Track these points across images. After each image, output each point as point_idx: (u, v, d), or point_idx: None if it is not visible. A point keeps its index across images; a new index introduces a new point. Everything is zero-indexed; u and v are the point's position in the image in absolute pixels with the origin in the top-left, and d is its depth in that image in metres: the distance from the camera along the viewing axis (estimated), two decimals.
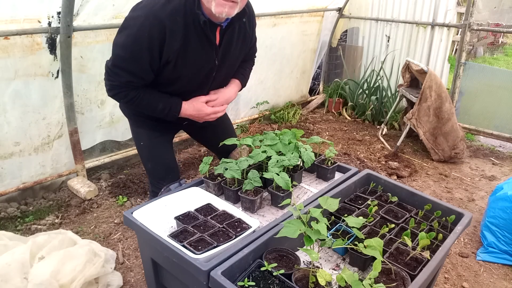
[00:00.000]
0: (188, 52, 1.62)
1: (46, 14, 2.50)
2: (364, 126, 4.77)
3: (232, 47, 1.76)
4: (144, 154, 2.03)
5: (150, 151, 1.99)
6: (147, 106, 1.73)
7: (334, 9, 4.92)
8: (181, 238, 1.40)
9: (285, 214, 1.58)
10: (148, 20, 1.50)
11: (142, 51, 1.54)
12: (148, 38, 1.52)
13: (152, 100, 1.72)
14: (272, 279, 1.25)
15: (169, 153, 2.05)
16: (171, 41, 1.55)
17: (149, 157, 2.01)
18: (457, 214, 1.61)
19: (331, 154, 1.91)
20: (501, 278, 2.38)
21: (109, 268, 2.11)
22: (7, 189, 2.74)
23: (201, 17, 1.55)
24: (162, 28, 1.52)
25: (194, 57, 1.65)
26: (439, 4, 4.34)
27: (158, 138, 1.98)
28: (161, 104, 1.72)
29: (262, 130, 4.32)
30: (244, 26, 1.77)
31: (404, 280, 1.27)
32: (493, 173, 3.68)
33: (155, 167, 2.02)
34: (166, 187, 1.84)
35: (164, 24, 1.52)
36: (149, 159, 2.02)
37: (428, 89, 3.66)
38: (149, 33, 1.51)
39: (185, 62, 1.64)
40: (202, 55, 1.67)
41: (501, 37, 10.33)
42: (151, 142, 1.97)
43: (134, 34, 1.53)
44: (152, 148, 1.98)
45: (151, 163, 2.02)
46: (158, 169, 2.01)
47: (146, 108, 1.75)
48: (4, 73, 2.47)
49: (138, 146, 2.03)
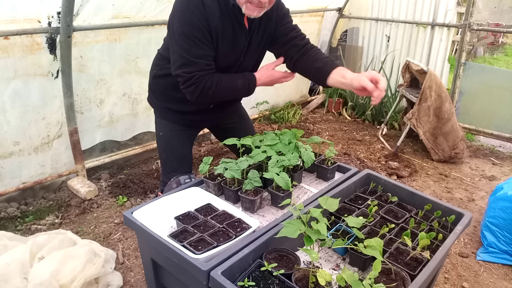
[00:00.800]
0: (224, 32, 1.69)
1: (46, 14, 2.50)
2: (364, 126, 4.77)
3: (254, 34, 1.81)
4: (160, 144, 2.09)
5: (167, 142, 2.05)
6: (229, 87, 1.77)
7: (334, 9, 4.92)
8: (181, 238, 1.40)
9: (285, 214, 1.57)
10: (192, 2, 1.59)
11: (200, 31, 1.61)
12: (199, 16, 1.60)
13: (230, 80, 1.77)
14: (272, 279, 1.25)
15: (185, 147, 2.09)
16: (211, 19, 1.63)
17: (164, 148, 2.07)
18: (457, 214, 1.60)
19: (331, 154, 1.91)
20: (501, 278, 2.38)
21: (109, 268, 2.11)
22: (7, 189, 2.74)
23: (230, 0, 1.63)
24: (204, 8, 1.60)
25: (228, 37, 1.71)
26: (439, 4, 4.34)
27: (178, 132, 2.03)
28: (240, 81, 1.78)
29: (262, 130, 4.32)
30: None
31: (404, 280, 1.27)
32: (493, 173, 3.68)
33: (168, 158, 2.07)
34: (175, 177, 1.91)
35: (204, 3, 1.60)
36: (164, 150, 2.08)
37: (428, 89, 3.66)
38: (197, 10, 1.59)
39: (222, 41, 1.70)
40: (235, 36, 1.73)
41: (501, 37, 10.33)
42: (170, 133, 2.03)
43: (186, 18, 1.61)
44: (169, 139, 2.04)
45: (166, 154, 2.07)
46: (171, 161, 2.06)
47: (229, 90, 1.79)
48: (4, 73, 2.47)
49: (157, 136, 2.09)
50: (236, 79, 1.78)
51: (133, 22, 2.95)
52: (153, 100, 2.05)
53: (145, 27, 3.06)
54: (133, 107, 3.32)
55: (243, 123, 2.22)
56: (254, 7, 1.61)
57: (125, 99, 3.23)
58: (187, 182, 1.91)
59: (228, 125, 2.17)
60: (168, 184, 1.95)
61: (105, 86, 3.05)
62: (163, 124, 2.04)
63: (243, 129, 2.17)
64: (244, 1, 1.61)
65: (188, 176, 1.93)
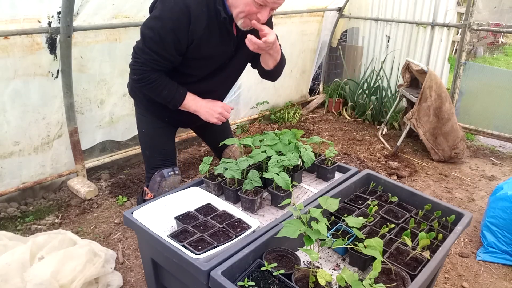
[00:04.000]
0: (210, 38, 1.71)
1: (46, 14, 2.50)
2: (364, 126, 4.77)
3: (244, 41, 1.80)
4: (143, 141, 2.10)
5: (150, 139, 2.06)
6: (157, 92, 1.79)
7: (334, 9, 4.92)
8: (181, 238, 1.40)
9: (285, 214, 1.58)
10: (178, 6, 1.61)
11: (168, 33, 1.63)
12: (176, 21, 1.62)
13: (160, 87, 1.77)
14: (272, 279, 1.25)
15: (169, 143, 2.11)
16: (195, 27, 1.66)
17: (148, 144, 2.08)
18: (457, 214, 1.61)
19: (331, 154, 1.91)
20: (501, 278, 2.38)
21: (109, 268, 2.11)
22: (7, 189, 2.74)
23: (222, 13, 1.66)
24: (189, 14, 1.62)
25: (213, 43, 1.74)
26: (439, 4, 4.34)
27: (163, 128, 2.04)
28: (166, 92, 1.78)
29: (262, 130, 4.32)
30: None
31: (404, 280, 1.27)
32: (493, 173, 3.68)
33: (152, 155, 2.07)
34: (159, 171, 1.96)
35: (191, 11, 1.62)
36: (147, 147, 2.09)
37: (428, 89, 3.66)
38: (177, 17, 1.62)
39: (206, 46, 1.73)
40: (221, 42, 1.76)
41: (501, 37, 10.33)
42: (153, 130, 2.04)
43: (163, 17, 1.62)
44: (152, 136, 2.05)
45: (149, 151, 2.08)
46: (155, 157, 2.07)
47: (157, 94, 1.81)
48: (4, 73, 2.46)
49: (139, 132, 2.10)
50: (164, 88, 1.78)
51: (133, 22, 2.94)
52: (136, 95, 2.04)
53: None
54: (133, 108, 3.29)
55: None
56: (250, 22, 1.66)
57: (126, 99, 3.23)
58: (170, 174, 1.97)
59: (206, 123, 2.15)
60: (152, 178, 1.98)
61: (105, 87, 3.05)
62: (145, 120, 2.05)
63: (220, 127, 2.18)
64: (242, 17, 1.65)
65: (172, 169, 1.98)
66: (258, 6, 1.60)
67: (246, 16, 1.64)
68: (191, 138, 3.96)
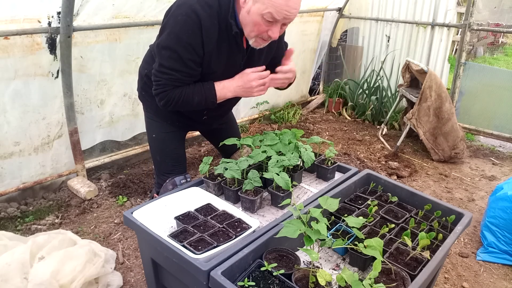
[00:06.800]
0: (220, 52, 1.68)
1: (46, 14, 2.50)
2: (364, 126, 4.77)
3: (256, 53, 1.79)
4: (154, 146, 2.07)
5: (161, 144, 2.03)
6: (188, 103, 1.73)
7: (334, 9, 4.92)
8: (181, 238, 1.40)
9: (285, 214, 1.58)
10: (190, 19, 1.55)
11: (185, 47, 1.59)
12: (192, 34, 1.57)
13: (189, 96, 1.72)
14: (272, 279, 1.25)
15: (179, 148, 2.08)
16: (208, 39, 1.61)
17: (159, 150, 2.05)
18: (457, 214, 1.60)
19: (331, 154, 1.91)
20: (501, 278, 2.38)
21: (109, 268, 2.11)
22: (7, 189, 2.74)
23: (234, 27, 1.62)
24: (201, 27, 1.57)
25: (224, 57, 1.70)
26: (439, 4, 4.35)
27: (174, 133, 2.02)
28: (196, 98, 1.73)
29: (262, 130, 4.32)
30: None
31: (404, 280, 1.27)
32: (493, 173, 3.68)
33: (163, 160, 2.05)
34: (171, 178, 1.90)
35: (203, 24, 1.57)
36: (158, 152, 2.05)
37: (428, 89, 3.66)
38: (192, 29, 1.57)
39: (216, 59, 1.69)
40: (231, 57, 1.72)
41: (501, 37, 10.33)
42: (164, 135, 2.01)
43: (177, 32, 1.58)
44: (163, 141, 2.02)
45: (160, 156, 2.05)
46: (166, 163, 2.04)
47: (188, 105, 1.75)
48: (4, 73, 2.47)
49: (149, 137, 2.07)
50: (193, 95, 1.73)
51: (133, 22, 2.95)
52: (146, 99, 1.99)
53: (145, 27, 3.06)
54: (133, 108, 3.32)
55: (230, 124, 2.26)
56: (262, 41, 1.64)
57: (126, 99, 3.23)
58: (183, 182, 1.91)
59: (216, 126, 2.17)
60: (164, 185, 1.94)
61: (106, 87, 3.05)
62: (155, 125, 2.01)
63: (229, 130, 2.21)
64: (254, 36, 1.61)
65: (184, 177, 1.93)
66: (268, 23, 1.54)
67: (258, 35, 1.60)
68: (191, 138, 3.96)
